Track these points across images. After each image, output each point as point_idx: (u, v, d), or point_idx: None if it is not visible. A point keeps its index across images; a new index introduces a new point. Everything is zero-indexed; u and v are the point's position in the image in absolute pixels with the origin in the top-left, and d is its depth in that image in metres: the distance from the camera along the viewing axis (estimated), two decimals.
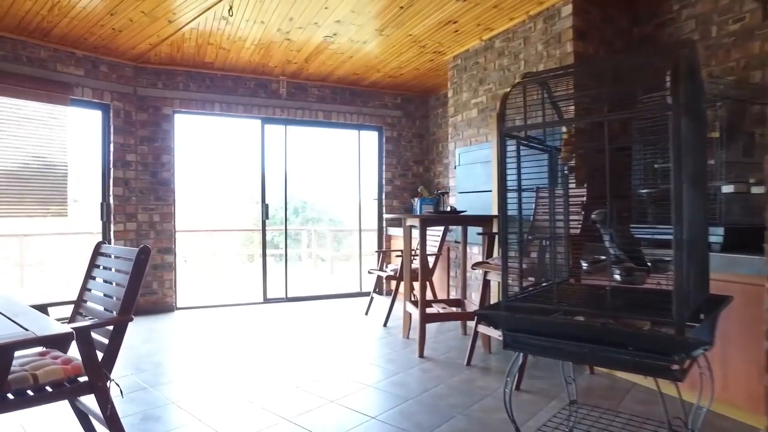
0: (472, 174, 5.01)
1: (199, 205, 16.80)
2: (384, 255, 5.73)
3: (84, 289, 2.50)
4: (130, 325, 2.25)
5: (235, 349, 4.24)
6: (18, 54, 4.62)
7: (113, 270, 2.39)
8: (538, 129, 2.05)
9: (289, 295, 6.40)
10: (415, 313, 4.21)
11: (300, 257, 11.93)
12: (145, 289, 5.58)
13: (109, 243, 5.35)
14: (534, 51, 4.20)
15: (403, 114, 6.92)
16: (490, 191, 4.67)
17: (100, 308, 2.33)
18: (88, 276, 2.52)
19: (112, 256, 2.45)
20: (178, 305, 5.86)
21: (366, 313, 5.61)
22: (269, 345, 4.35)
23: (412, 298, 4.56)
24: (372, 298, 5.65)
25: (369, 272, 5.68)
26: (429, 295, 5.11)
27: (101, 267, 2.50)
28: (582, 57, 3.80)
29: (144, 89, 5.53)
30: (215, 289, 7.60)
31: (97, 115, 5.31)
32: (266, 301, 6.27)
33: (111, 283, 2.34)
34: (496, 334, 3.81)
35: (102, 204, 5.34)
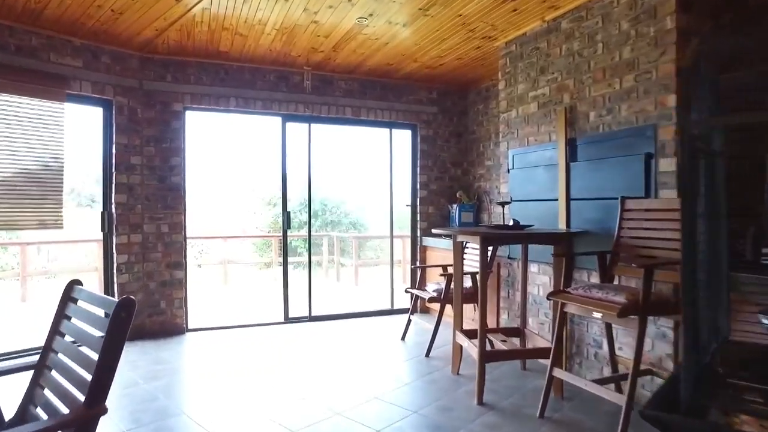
0: (530, 180, 4.26)
1: (212, 209, 16.22)
2: (422, 272, 4.99)
3: (48, 349, 1.80)
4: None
5: (255, 393, 3.54)
6: (5, 42, 3.98)
7: (86, 327, 1.70)
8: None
9: (313, 314, 5.71)
10: (470, 347, 3.48)
11: (320, 263, 11.26)
12: (153, 309, 4.92)
13: (111, 258, 4.71)
14: (616, 30, 3.43)
15: (440, 110, 6.19)
16: (554, 200, 3.92)
17: (67, 384, 1.64)
18: (54, 331, 1.82)
19: (85, 305, 1.75)
20: (189, 326, 5.20)
21: (403, 338, 4.90)
22: (292, 383, 3.64)
23: (463, 327, 3.84)
24: (409, 321, 4.93)
25: (406, 291, 4.96)
26: (469, 317, 4.37)
27: (71, 319, 1.80)
28: (686, 34, 3.03)
29: (151, 83, 4.87)
30: (230, 303, 6.94)
31: (97, 112, 4.66)
32: (287, 320, 5.59)
33: (80, 347, 1.65)
34: (570, 377, 3.07)
35: (103, 213, 4.69)
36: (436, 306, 4.73)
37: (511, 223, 3.90)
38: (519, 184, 4.41)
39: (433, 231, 4.17)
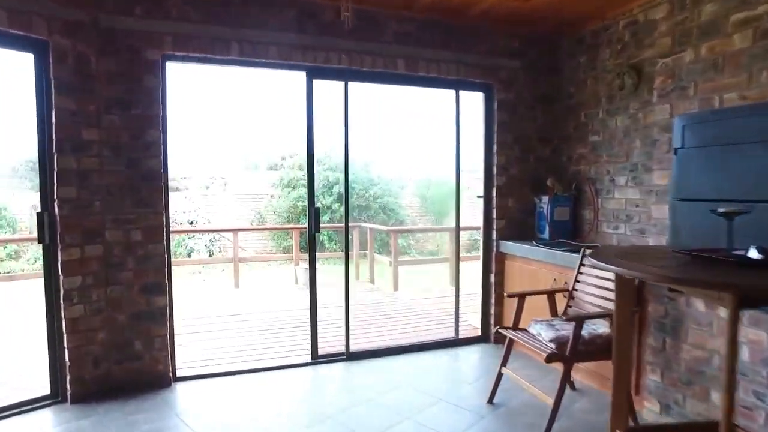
0: (720, 165, 2.53)
1: (214, 196, 14.62)
2: (520, 303, 3.32)
3: None
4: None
5: None
6: None
7: None
8: None
9: (351, 347, 4.11)
10: None
11: (341, 260, 9.66)
12: (123, 353, 3.37)
13: (55, 281, 3.14)
14: None
15: (523, 65, 4.44)
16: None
17: None
18: None
19: None
20: (178, 373, 3.65)
21: (490, 401, 3.26)
22: None
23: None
24: (500, 377, 3.28)
25: (498, 331, 3.29)
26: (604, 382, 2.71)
27: None
28: None
29: (111, 17, 3.23)
30: (239, 325, 5.36)
31: (25, 60, 3.04)
32: (316, 359, 3.99)
33: None
34: None
35: (41, 215, 3.10)
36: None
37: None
38: (694, 173, 2.68)
39: (594, 260, 2.36)
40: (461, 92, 4.38)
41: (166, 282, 3.48)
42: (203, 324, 5.11)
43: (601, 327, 2.89)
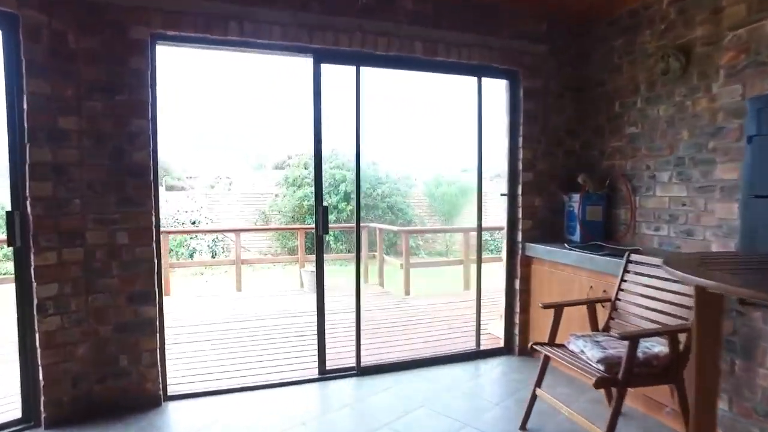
0: None
1: (212, 196, 14.24)
2: (557, 315, 2.90)
3: None
4: None
5: None
6: None
7: None
8: None
9: (363, 361, 3.71)
10: None
11: (347, 262, 9.27)
12: (107, 369, 2.98)
13: (28, 289, 2.76)
14: None
15: (551, 49, 4.03)
16: None
17: None
18: None
19: None
20: (170, 391, 3.26)
21: (523, 426, 2.86)
22: None
23: None
24: (534, 399, 2.87)
25: (533, 347, 2.87)
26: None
27: None
28: None
29: None
30: (239, 335, 4.97)
31: None
32: (324, 375, 3.60)
33: None
34: None
35: (11, 214, 2.72)
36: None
37: None
38: None
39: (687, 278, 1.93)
40: (483, 79, 3.97)
41: (156, 290, 3.09)
42: (200, 333, 4.73)
43: (657, 346, 2.47)
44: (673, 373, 2.34)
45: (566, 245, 3.73)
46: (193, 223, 11.41)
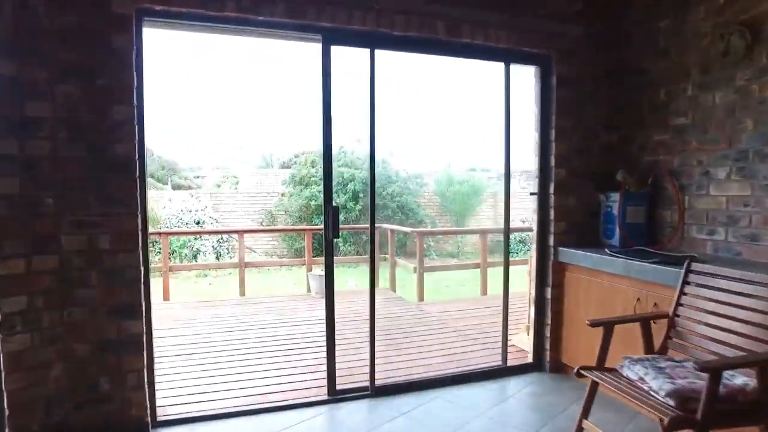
0: None
1: (217, 196, 13.89)
2: (606, 333, 2.48)
3: None
4: None
5: None
6: None
7: None
8: None
9: (377, 380, 3.31)
10: None
11: (356, 265, 8.83)
12: (86, 393, 2.60)
13: None
14: None
15: (586, 32, 3.61)
16: None
17: None
18: None
19: None
20: (159, 416, 2.87)
21: None
22: None
23: None
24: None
25: (581, 372, 2.45)
26: None
27: None
28: None
29: None
30: (242, 348, 4.59)
31: None
32: (335, 396, 3.20)
33: None
34: None
35: None
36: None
37: None
38: None
39: None
40: (512, 65, 3.56)
41: (143, 302, 2.70)
42: (197, 345, 4.34)
43: (739, 377, 2.05)
44: (764, 411, 1.92)
45: (607, 250, 3.31)
46: (198, 223, 11.05)
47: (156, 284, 7.44)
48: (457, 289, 8.85)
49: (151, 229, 10.33)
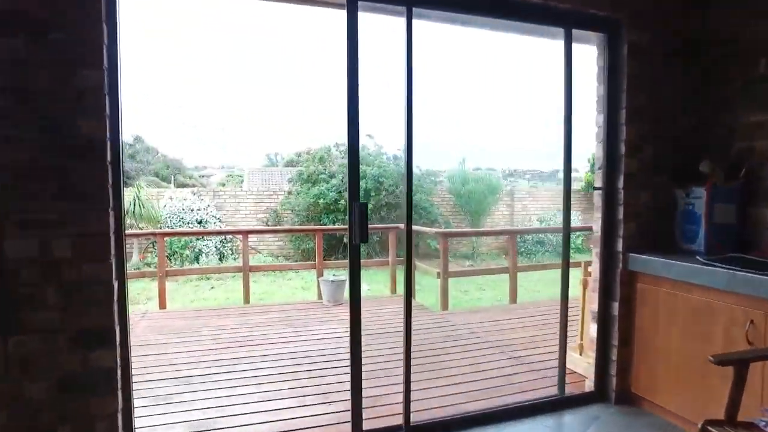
0: None
1: (221, 194, 13.35)
2: (738, 373, 1.83)
3: None
4: None
5: None
6: None
7: None
8: None
9: (412, 417, 2.68)
10: None
11: (366, 268, 8.21)
12: None
13: None
14: None
15: None
16: None
17: None
18: None
19: None
20: None
21: None
22: None
23: None
24: None
25: (707, 427, 1.80)
26: None
27: None
28: None
29: None
30: (239, 367, 3.98)
31: None
32: None
33: None
34: None
35: None
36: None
37: None
38: None
39: None
40: (574, 31, 2.92)
41: (117, 325, 2.08)
42: (189, 367, 3.71)
43: None
44: None
45: (699, 258, 2.66)
46: (200, 222, 10.46)
47: (152, 290, 6.87)
48: (477, 294, 8.22)
49: (149, 229, 9.82)
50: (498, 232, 11.19)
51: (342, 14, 2.40)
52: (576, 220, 12.57)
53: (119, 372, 2.09)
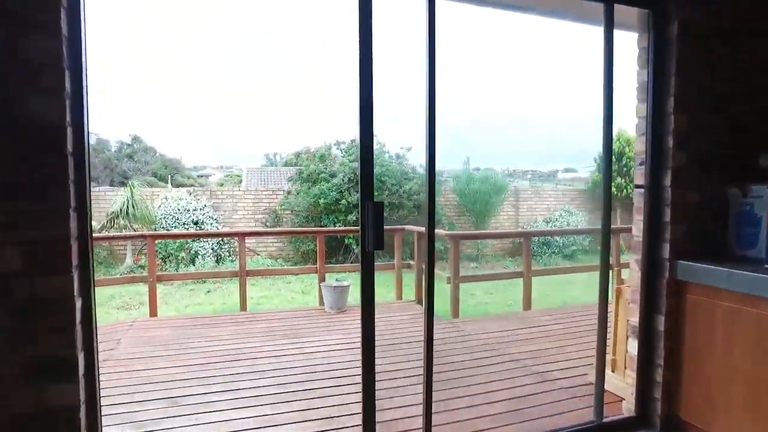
0: None
1: (219, 193, 12.99)
2: None
3: None
4: None
5: None
6: None
7: None
8: None
9: None
10: None
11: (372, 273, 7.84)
12: None
13: None
14: None
15: None
16: None
17: None
18: None
19: None
20: None
21: None
22: None
23: None
24: None
25: None
26: None
27: None
28: None
29: None
30: (236, 384, 3.60)
31: None
32: None
33: None
34: None
35: None
36: None
37: None
38: None
39: None
40: (617, 7, 2.55)
41: (79, 353, 1.71)
42: (182, 385, 3.34)
43: None
44: None
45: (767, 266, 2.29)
46: (196, 223, 10.09)
47: (145, 295, 6.49)
48: (485, 298, 7.86)
49: (144, 231, 9.43)
50: (514, 234, 10.81)
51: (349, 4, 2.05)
52: (582, 221, 12.23)
53: (83, 410, 1.71)
